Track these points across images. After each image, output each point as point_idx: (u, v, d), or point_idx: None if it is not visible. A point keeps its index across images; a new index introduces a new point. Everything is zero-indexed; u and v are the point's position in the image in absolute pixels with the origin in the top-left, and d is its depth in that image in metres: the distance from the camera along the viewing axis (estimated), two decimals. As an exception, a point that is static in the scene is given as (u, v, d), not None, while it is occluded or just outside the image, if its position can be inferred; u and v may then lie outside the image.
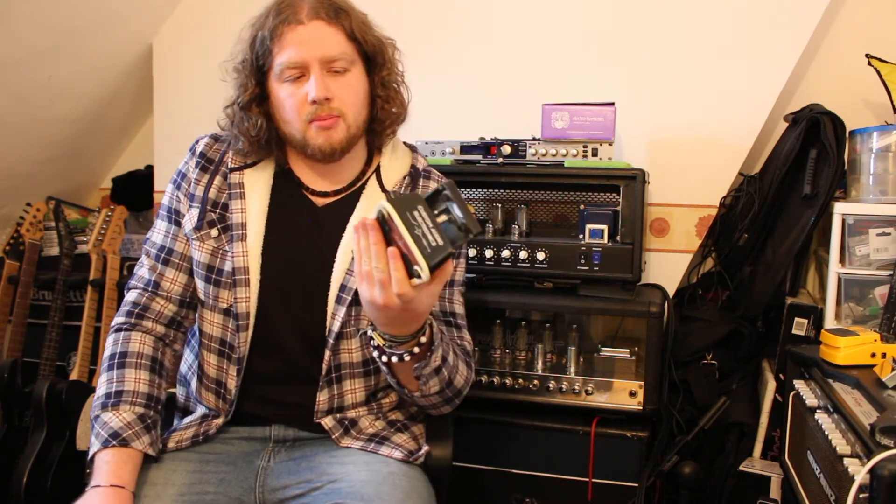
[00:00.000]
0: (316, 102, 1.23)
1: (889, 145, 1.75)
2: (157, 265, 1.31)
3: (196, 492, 1.19)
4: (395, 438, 1.32)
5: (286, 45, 1.23)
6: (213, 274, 1.28)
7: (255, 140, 1.29)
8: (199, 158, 1.33)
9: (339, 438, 1.29)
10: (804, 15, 2.03)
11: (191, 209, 1.31)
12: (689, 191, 2.13)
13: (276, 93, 1.26)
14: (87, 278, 2.39)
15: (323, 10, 1.24)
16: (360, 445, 1.29)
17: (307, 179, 1.35)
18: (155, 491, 1.18)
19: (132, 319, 1.29)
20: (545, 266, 1.82)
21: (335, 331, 1.27)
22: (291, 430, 1.30)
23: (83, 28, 2.28)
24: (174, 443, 1.27)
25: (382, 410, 1.36)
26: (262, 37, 1.25)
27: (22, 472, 2.08)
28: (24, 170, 2.55)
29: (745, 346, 2.06)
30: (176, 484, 1.19)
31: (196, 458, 1.26)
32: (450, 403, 1.31)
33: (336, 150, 1.27)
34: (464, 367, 1.30)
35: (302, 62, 1.23)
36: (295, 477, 1.24)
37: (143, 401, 1.21)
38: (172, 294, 1.31)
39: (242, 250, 1.27)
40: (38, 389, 2.16)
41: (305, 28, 1.23)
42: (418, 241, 0.97)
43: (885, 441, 1.04)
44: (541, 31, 2.23)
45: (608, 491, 1.73)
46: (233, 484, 1.23)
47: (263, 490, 1.24)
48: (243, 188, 1.31)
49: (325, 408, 1.29)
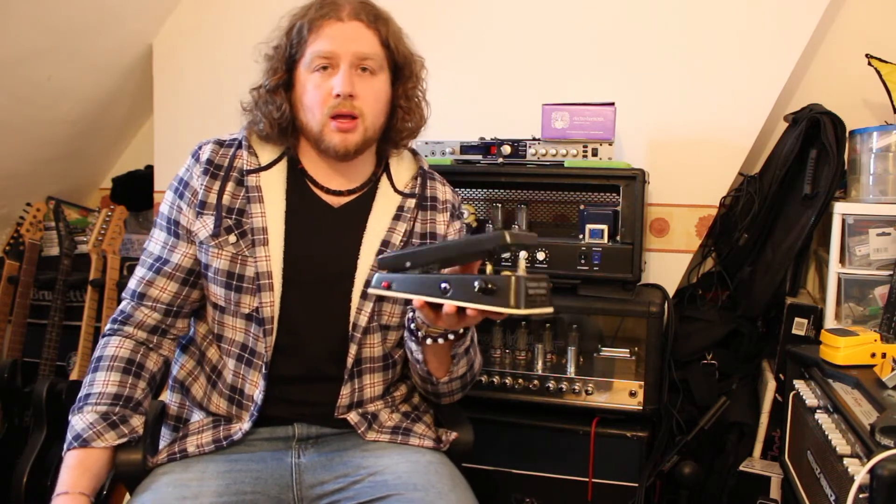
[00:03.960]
0: (340, 96, 1.25)
1: (889, 145, 1.75)
2: (148, 275, 1.31)
3: (234, 492, 1.19)
4: (417, 429, 1.35)
5: (322, 37, 1.26)
6: (234, 280, 1.27)
7: (276, 123, 1.30)
8: (207, 165, 1.31)
9: (365, 433, 1.30)
10: (804, 15, 2.03)
11: (201, 217, 1.29)
12: (689, 191, 2.13)
13: (303, 81, 1.29)
14: (87, 278, 2.39)
15: (364, 12, 1.29)
16: (388, 438, 1.31)
17: (321, 178, 1.35)
18: (191, 492, 1.18)
19: (115, 325, 1.31)
20: (545, 266, 1.82)
21: (362, 325, 1.30)
22: (314, 428, 1.31)
23: (83, 28, 2.28)
24: (194, 447, 1.27)
25: (395, 403, 1.39)
26: (300, 26, 1.28)
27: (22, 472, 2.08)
28: (24, 170, 2.55)
29: (745, 346, 2.06)
30: (211, 485, 1.19)
31: (223, 460, 1.25)
32: (465, 389, 1.40)
33: (350, 152, 1.30)
34: (480, 354, 1.41)
35: (333, 54, 1.26)
36: (330, 472, 1.25)
37: (107, 401, 1.23)
38: (159, 304, 1.30)
39: (265, 255, 1.27)
40: (38, 389, 2.16)
41: (344, 25, 1.27)
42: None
43: (885, 441, 1.04)
44: (541, 31, 2.23)
45: (608, 491, 1.73)
46: (269, 482, 1.24)
47: (301, 486, 1.24)
48: (261, 191, 1.31)
49: (347, 403, 1.31)
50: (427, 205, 1.40)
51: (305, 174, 1.35)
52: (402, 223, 1.35)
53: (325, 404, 1.30)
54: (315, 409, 1.30)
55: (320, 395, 1.30)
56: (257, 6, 2.43)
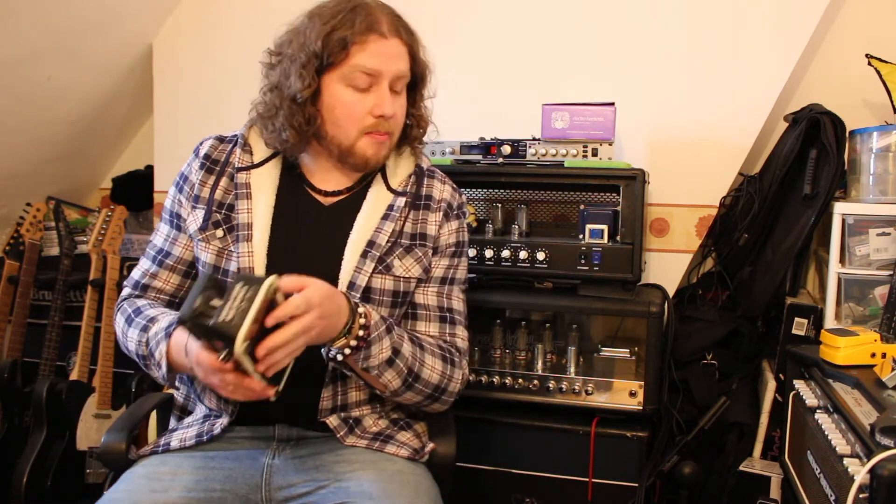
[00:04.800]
0: (383, 117, 1.27)
1: (889, 145, 1.75)
2: (152, 267, 1.35)
3: (203, 489, 1.20)
4: (400, 437, 1.33)
5: (367, 52, 1.25)
6: (220, 274, 1.28)
7: (304, 134, 1.29)
8: (204, 160, 1.34)
9: (344, 437, 1.29)
10: (804, 15, 2.03)
11: (195, 210, 1.32)
12: (689, 191, 2.13)
13: (336, 94, 1.27)
14: (87, 278, 2.39)
15: (401, 28, 1.30)
16: (366, 444, 1.29)
17: (316, 180, 1.35)
18: (162, 485, 1.18)
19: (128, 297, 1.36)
20: (545, 266, 1.82)
21: None
22: (295, 430, 1.30)
23: (83, 28, 2.28)
24: (177, 441, 1.28)
25: (385, 409, 1.37)
26: (344, 37, 1.24)
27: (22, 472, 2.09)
28: (24, 170, 2.55)
29: (745, 346, 2.06)
30: (183, 480, 1.20)
31: (200, 456, 1.26)
32: (436, 400, 1.33)
33: (379, 164, 1.33)
34: (437, 362, 1.31)
35: (377, 72, 1.26)
36: (301, 475, 1.25)
37: (170, 314, 1.27)
38: (162, 294, 1.36)
39: (248, 251, 1.28)
40: (38, 389, 2.16)
41: (387, 42, 1.27)
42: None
43: (885, 441, 1.04)
44: (541, 31, 2.23)
45: (608, 491, 1.73)
46: (239, 481, 1.24)
47: (270, 488, 1.24)
48: (250, 188, 1.32)
49: (329, 406, 1.29)
50: (420, 204, 1.38)
51: (300, 172, 1.35)
52: (389, 223, 1.33)
53: (307, 406, 1.29)
54: (297, 411, 1.29)
55: (303, 397, 1.28)
56: (257, 6, 2.43)
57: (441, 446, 1.35)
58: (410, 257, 1.35)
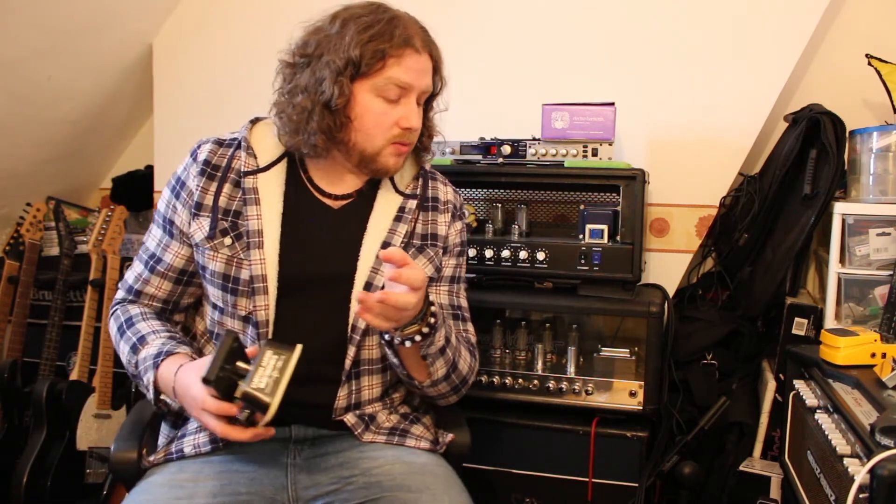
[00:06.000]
0: (409, 129, 1.29)
1: (889, 145, 1.75)
2: (144, 273, 1.35)
3: (229, 493, 1.19)
4: (414, 430, 1.35)
5: (402, 66, 1.26)
6: (230, 283, 1.27)
7: (334, 139, 1.29)
8: (204, 166, 1.30)
9: (362, 434, 1.30)
10: (804, 15, 2.03)
11: (198, 219, 1.29)
12: (689, 191, 2.13)
13: (365, 103, 1.27)
14: (87, 278, 2.39)
15: (431, 44, 1.32)
16: (384, 439, 1.31)
17: (324, 183, 1.35)
18: (185, 493, 1.18)
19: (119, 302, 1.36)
20: (545, 266, 1.82)
21: (361, 327, 1.29)
22: (311, 430, 1.31)
23: (83, 28, 2.28)
24: (191, 447, 1.27)
25: (394, 405, 1.39)
26: (382, 49, 1.24)
27: (22, 472, 2.09)
28: (24, 170, 2.55)
29: (745, 346, 2.06)
30: (207, 486, 1.20)
31: (219, 461, 1.26)
32: (457, 392, 1.38)
33: (395, 172, 1.35)
34: (467, 354, 1.36)
35: (410, 86, 1.28)
36: (326, 473, 1.26)
37: (163, 332, 1.28)
38: (155, 300, 1.35)
39: (259, 258, 1.27)
40: (38, 389, 2.16)
41: (420, 57, 1.29)
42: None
43: (885, 441, 1.04)
44: (541, 30, 2.23)
45: (608, 491, 1.73)
46: (265, 482, 1.24)
47: (296, 487, 1.25)
48: (258, 193, 1.30)
49: (344, 405, 1.30)
50: (429, 205, 1.40)
51: (307, 175, 1.34)
52: (402, 224, 1.35)
53: (322, 406, 1.30)
54: (312, 411, 1.30)
55: (318, 397, 1.29)
56: (257, 6, 2.43)
57: (458, 436, 1.38)
58: (423, 257, 1.37)
